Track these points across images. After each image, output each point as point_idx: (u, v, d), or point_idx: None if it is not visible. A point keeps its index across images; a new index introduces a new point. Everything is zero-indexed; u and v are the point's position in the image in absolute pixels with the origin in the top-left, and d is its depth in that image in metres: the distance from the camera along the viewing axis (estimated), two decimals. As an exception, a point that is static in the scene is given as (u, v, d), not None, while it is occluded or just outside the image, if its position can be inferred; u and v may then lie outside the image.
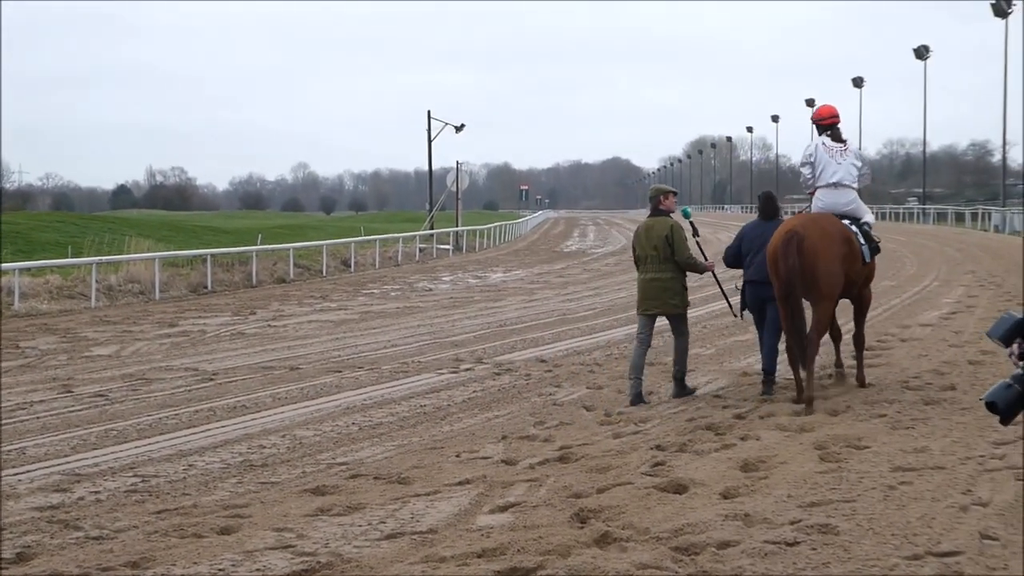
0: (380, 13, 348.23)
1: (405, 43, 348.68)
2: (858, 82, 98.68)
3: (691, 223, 12.96)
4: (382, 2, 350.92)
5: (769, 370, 12.30)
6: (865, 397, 11.70)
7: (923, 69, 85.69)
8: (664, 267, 12.11)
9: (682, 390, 12.36)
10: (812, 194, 12.55)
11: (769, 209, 12.70)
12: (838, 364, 13.13)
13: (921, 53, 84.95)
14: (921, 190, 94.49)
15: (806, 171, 12.48)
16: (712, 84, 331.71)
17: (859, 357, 12.72)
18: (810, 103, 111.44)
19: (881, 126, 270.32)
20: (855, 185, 12.52)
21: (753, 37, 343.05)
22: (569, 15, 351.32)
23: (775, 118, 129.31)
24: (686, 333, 12.42)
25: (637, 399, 12.05)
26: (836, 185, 12.27)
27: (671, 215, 12.51)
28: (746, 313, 12.67)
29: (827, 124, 12.56)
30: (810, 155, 12.41)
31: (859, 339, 12.82)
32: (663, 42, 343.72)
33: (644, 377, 12.32)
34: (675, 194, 12.72)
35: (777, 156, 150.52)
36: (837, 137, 12.49)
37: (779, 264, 11.45)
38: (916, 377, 12.90)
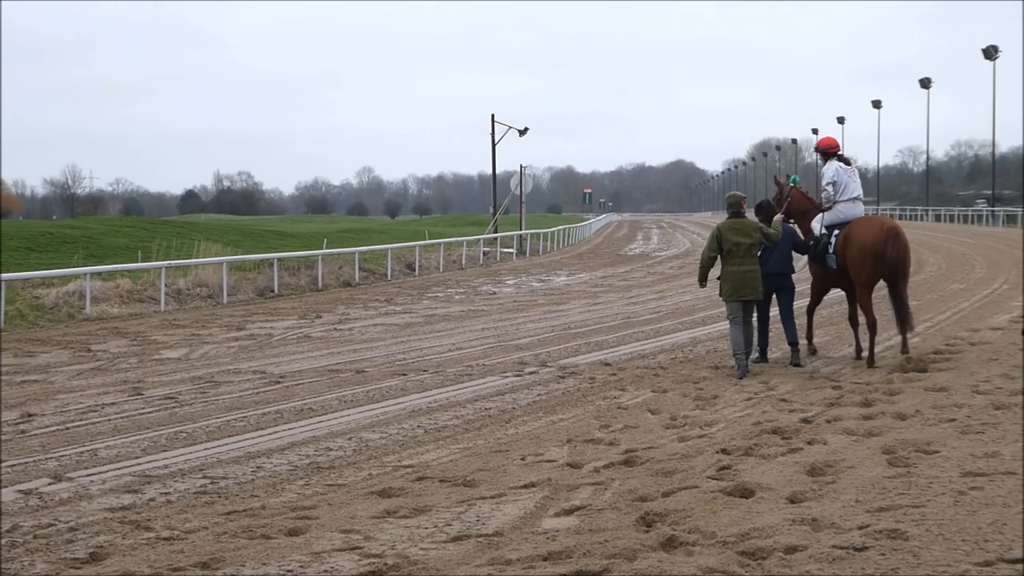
0: (443, 17, 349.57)
1: (469, 47, 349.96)
2: (926, 83, 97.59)
3: None
4: (446, 3, 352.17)
5: (795, 342, 14.84)
6: (934, 401, 11.58)
7: (992, 69, 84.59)
8: (755, 260, 14.36)
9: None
10: (829, 208, 15.06)
11: (769, 213, 15.36)
12: (860, 349, 15.21)
13: (990, 53, 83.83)
14: (990, 192, 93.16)
15: (831, 189, 15.08)
16: (776, 86, 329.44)
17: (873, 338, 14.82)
18: (876, 104, 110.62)
19: (949, 127, 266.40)
20: (863, 199, 15.42)
21: (818, 39, 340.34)
22: (632, 19, 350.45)
23: (841, 120, 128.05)
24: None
25: (745, 372, 14.07)
26: (855, 200, 15.06)
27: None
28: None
29: (832, 152, 15.37)
30: (834, 176, 15.07)
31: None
32: (727, 45, 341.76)
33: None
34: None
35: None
36: (846, 160, 15.30)
37: (887, 254, 14.24)
38: (986, 381, 12.75)
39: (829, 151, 15.37)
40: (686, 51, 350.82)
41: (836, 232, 14.82)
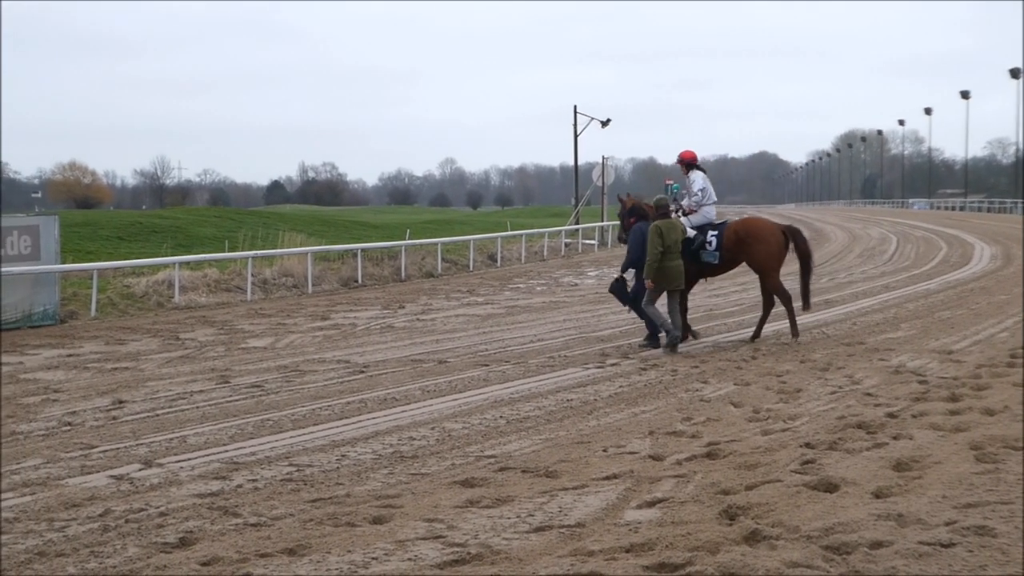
0: (523, 11, 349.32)
1: (550, 40, 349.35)
2: (1016, 73, 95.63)
3: None
4: (527, 1, 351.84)
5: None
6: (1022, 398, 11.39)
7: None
8: (680, 255, 16.34)
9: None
10: (695, 211, 17.19)
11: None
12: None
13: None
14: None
15: (702, 194, 17.25)
16: (861, 77, 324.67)
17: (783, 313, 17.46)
18: (965, 95, 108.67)
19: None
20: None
21: (906, 30, 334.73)
22: (712, 12, 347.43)
23: (928, 111, 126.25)
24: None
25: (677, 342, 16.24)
26: (714, 203, 17.46)
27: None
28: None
29: (694, 163, 17.70)
30: (703, 183, 17.35)
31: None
32: (809, 36, 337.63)
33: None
34: None
35: (930, 149, 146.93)
36: (703, 169, 17.77)
37: (800, 248, 16.98)
38: (1078, 377, 12.50)
39: (693, 163, 17.68)
40: (769, 42, 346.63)
41: (712, 232, 17.00)
